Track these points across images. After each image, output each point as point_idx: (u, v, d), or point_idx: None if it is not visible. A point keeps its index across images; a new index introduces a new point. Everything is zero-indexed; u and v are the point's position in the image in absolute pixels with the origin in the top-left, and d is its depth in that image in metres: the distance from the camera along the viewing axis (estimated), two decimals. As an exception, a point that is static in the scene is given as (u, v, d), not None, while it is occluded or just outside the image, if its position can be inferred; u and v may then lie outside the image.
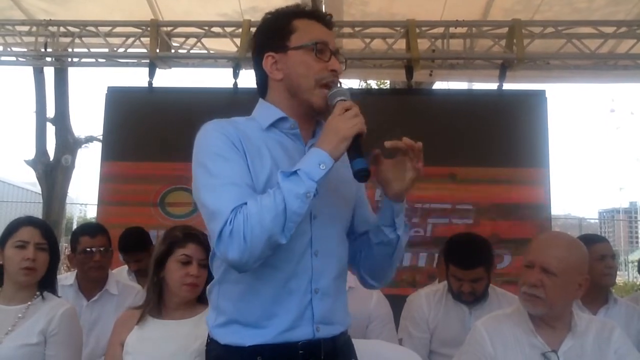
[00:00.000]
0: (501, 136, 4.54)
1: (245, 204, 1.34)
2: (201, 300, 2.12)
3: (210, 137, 1.48)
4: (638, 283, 12.91)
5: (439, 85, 6.72)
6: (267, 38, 1.56)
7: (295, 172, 1.34)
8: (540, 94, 4.73)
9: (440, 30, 4.60)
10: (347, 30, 4.69)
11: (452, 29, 4.59)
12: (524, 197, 4.53)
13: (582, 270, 1.97)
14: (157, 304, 2.13)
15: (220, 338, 1.47)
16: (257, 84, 1.62)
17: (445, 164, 4.50)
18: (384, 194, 1.52)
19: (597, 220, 20.41)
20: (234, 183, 1.39)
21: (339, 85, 1.50)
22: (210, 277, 1.66)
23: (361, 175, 1.38)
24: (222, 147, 1.45)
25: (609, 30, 4.46)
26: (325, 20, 1.58)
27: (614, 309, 2.78)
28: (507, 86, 4.74)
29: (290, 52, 1.51)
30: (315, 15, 1.58)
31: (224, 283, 1.49)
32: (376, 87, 10.86)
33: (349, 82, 9.19)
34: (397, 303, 2.97)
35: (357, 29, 4.64)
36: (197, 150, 1.50)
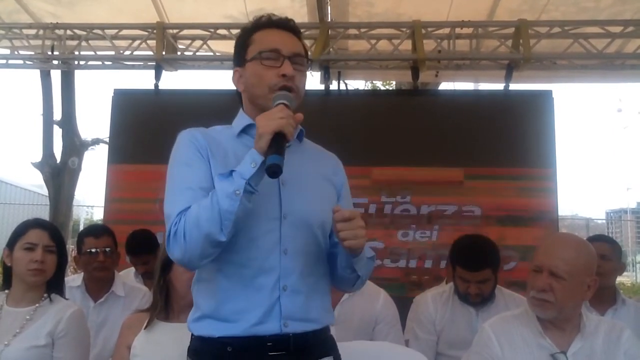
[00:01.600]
0: (508, 137, 4.52)
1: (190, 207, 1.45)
2: None
3: (178, 145, 1.63)
4: (646, 284, 12.84)
5: (445, 85, 6.71)
6: (234, 54, 1.69)
7: (230, 173, 1.42)
8: (547, 94, 4.71)
9: (446, 30, 4.60)
10: (352, 31, 4.69)
11: (458, 30, 4.58)
12: (531, 197, 4.51)
13: (591, 272, 1.96)
14: (164, 307, 2.14)
15: (194, 331, 1.57)
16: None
17: (451, 165, 4.49)
18: None
19: (604, 221, 20.25)
20: (189, 187, 1.51)
21: (292, 88, 1.55)
22: None
23: (271, 171, 1.37)
24: (186, 154, 1.58)
25: (616, 29, 4.44)
26: (283, 26, 1.64)
27: (622, 309, 2.76)
28: (513, 86, 4.73)
29: (247, 65, 1.61)
30: (272, 23, 1.65)
31: (199, 281, 1.60)
32: (382, 88, 10.85)
33: (355, 83, 9.20)
34: (403, 305, 2.97)
35: (362, 30, 4.63)
36: (170, 158, 1.64)
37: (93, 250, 2.90)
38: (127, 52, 4.78)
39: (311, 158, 1.69)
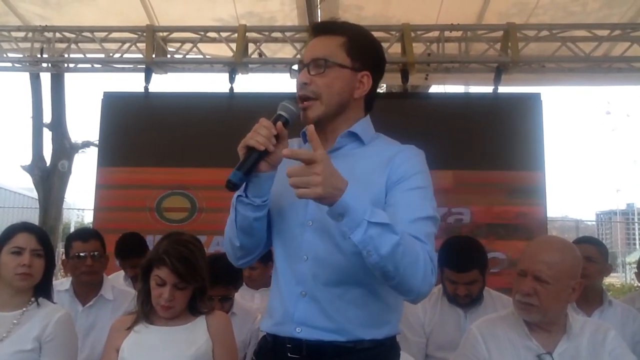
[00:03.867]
0: (497, 139, 4.54)
1: None
2: (192, 310, 2.15)
3: None
4: (635, 285, 12.93)
5: (434, 88, 6.73)
6: None
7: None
8: (536, 97, 4.73)
9: (436, 34, 4.61)
10: (342, 34, 4.69)
11: (447, 33, 4.60)
12: (520, 199, 4.53)
13: (575, 274, 1.98)
14: (147, 310, 2.13)
15: None
16: None
17: (441, 167, 4.50)
18: None
19: (594, 222, 20.42)
20: None
21: (307, 96, 1.53)
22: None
23: (226, 186, 1.40)
24: None
25: (603, 33, 4.48)
26: (317, 31, 1.63)
27: (608, 310, 2.79)
28: (502, 89, 4.74)
29: None
30: (310, 32, 1.68)
31: None
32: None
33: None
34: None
35: (352, 33, 4.64)
36: None
37: (81, 254, 2.88)
38: (117, 55, 4.76)
39: (362, 160, 1.56)
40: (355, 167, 1.52)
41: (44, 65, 5.01)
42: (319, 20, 4.71)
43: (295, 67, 1.64)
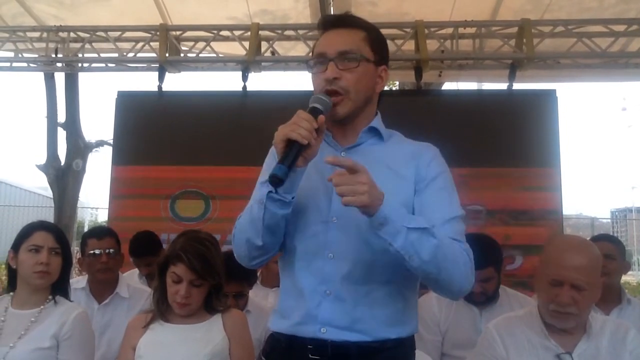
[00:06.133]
0: (511, 136, 4.50)
1: None
2: (208, 308, 2.15)
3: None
4: (652, 283, 12.79)
5: (448, 85, 6.69)
6: None
7: (266, 181, 1.40)
8: (551, 93, 4.69)
9: (449, 30, 4.59)
10: (355, 31, 4.67)
11: (461, 30, 4.57)
12: (535, 197, 4.49)
13: (600, 274, 1.95)
14: (163, 308, 2.14)
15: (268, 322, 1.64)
16: None
17: (455, 165, 4.44)
18: None
19: (609, 220, 20.17)
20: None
21: (337, 91, 1.50)
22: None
23: (271, 182, 1.36)
24: (266, 161, 1.65)
25: (620, 28, 4.42)
26: (334, 24, 1.58)
27: (627, 309, 2.76)
28: (517, 86, 4.71)
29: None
30: (327, 24, 1.59)
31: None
32: (385, 88, 10.84)
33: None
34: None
35: (365, 30, 4.62)
36: None
37: (96, 251, 2.91)
38: (131, 54, 4.79)
39: (385, 157, 1.56)
40: (380, 162, 1.52)
41: (59, 65, 5.06)
42: (332, 17, 4.70)
43: (311, 60, 1.58)
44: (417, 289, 1.61)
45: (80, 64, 5.01)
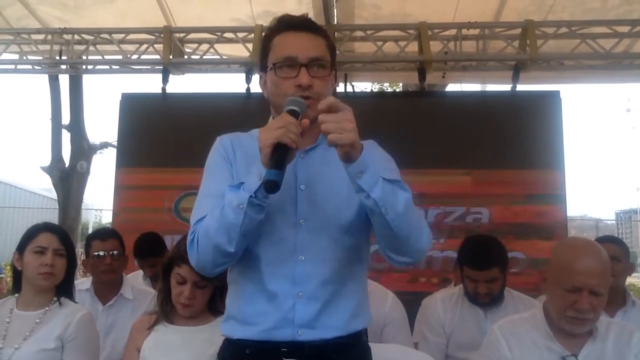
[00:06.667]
0: (515, 138, 4.50)
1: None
2: (212, 310, 2.15)
3: (210, 154, 1.64)
4: (657, 285, 12.74)
5: (452, 87, 6.70)
6: (259, 58, 1.66)
7: (239, 185, 1.41)
8: (555, 95, 4.69)
9: (453, 32, 4.59)
10: (359, 33, 4.68)
11: (464, 31, 4.57)
12: (539, 199, 4.48)
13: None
14: (167, 310, 2.15)
15: (221, 330, 1.60)
16: None
17: (459, 166, 4.48)
18: None
19: (614, 222, 20.07)
20: (210, 195, 1.52)
21: (310, 97, 1.49)
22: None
23: (267, 187, 1.34)
24: (214, 161, 1.60)
25: (624, 29, 4.42)
26: (301, 27, 1.57)
27: (632, 311, 2.75)
28: (520, 87, 4.71)
29: (268, 72, 1.58)
30: (290, 25, 1.57)
31: (229, 283, 1.62)
32: (389, 90, 10.84)
33: (362, 85, 9.20)
34: (411, 305, 2.96)
35: (369, 32, 4.63)
36: None
37: (100, 253, 2.92)
38: (135, 56, 4.80)
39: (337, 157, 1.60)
40: (339, 163, 1.48)
41: (63, 67, 5.07)
42: (336, 20, 4.70)
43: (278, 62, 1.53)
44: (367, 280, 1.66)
45: (84, 66, 5.03)
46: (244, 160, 1.55)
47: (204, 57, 4.81)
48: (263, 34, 1.68)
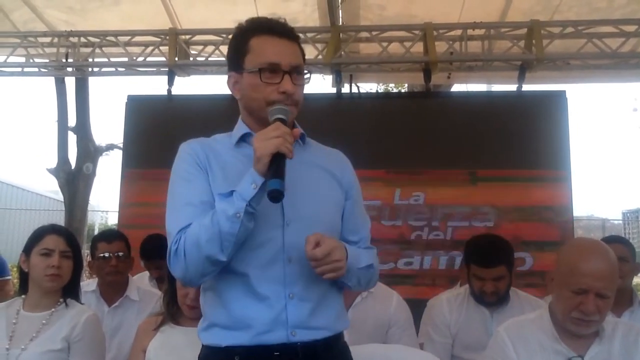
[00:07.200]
0: (521, 138, 4.49)
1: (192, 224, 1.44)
2: None
3: (177, 160, 1.62)
4: (664, 285, 12.65)
5: (457, 87, 6.68)
6: (229, 57, 1.63)
7: (230, 193, 1.40)
8: (561, 95, 4.66)
9: (458, 32, 4.58)
10: (364, 34, 4.68)
11: (470, 31, 4.56)
12: (546, 199, 4.46)
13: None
14: (173, 311, 2.15)
15: (203, 340, 1.55)
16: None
17: (465, 167, 4.47)
18: None
19: (620, 221, 19.96)
20: (189, 203, 1.50)
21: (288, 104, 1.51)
22: None
23: (272, 197, 1.35)
24: (186, 168, 1.57)
25: (630, 29, 4.40)
26: (282, 33, 1.57)
27: (639, 311, 2.74)
28: (526, 87, 4.69)
29: (244, 74, 1.56)
30: (272, 29, 1.57)
31: (206, 290, 1.57)
32: (394, 91, 10.83)
33: (367, 86, 9.20)
34: (417, 306, 2.96)
35: (374, 33, 4.63)
36: (171, 172, 1.62)
37: (106, 255, 2.93)
38: (140, 59, 4.82)
39: (316, 159, 1.64)
40: (314, 163, 1.63)
41: (69, 69, 5.10)
42: (341, 21, 4.70)
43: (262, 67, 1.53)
44: None
45: (90, 69, 5.05)
46: (218, 166, 1.54)
47: (210, 59, 4.82)
48: (235, 31, 1.66)
